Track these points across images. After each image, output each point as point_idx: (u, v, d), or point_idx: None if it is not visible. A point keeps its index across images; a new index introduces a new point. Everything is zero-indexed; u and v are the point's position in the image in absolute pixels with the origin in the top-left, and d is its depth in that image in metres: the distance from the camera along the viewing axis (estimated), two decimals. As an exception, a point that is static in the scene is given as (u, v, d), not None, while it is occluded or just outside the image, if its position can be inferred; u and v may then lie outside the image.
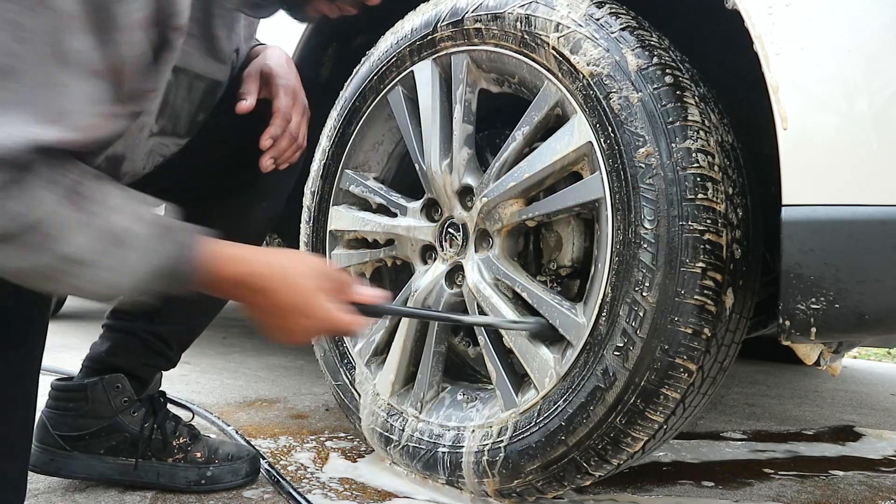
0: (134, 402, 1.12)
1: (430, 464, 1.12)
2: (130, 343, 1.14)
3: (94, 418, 1.09)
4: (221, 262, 0.77)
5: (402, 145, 1.32)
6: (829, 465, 1.41)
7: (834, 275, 0.78)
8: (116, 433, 1.10)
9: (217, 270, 0.76)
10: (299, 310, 0.79)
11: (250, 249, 0.80)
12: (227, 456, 1.14)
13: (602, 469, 0.97)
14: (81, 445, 1.09)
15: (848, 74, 0.77)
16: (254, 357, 2.52)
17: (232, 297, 0.82)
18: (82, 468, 1.09)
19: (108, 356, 1.13)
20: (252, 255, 0.79)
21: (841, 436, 1.68)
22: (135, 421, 1.11)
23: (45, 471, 1.09)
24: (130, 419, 1.11)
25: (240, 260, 0.78)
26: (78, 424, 1.09)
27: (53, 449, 1.09)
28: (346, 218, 1.34)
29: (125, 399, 1.11)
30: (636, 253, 0.90)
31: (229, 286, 0.78)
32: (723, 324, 0.89)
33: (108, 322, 1.17)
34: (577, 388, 0.95)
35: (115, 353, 1.13)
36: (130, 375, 1.13)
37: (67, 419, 1.10)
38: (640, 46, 0.93)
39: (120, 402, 1.10)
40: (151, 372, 1.17)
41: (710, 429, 1.67)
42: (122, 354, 1.14)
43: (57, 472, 1.09)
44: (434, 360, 1.16)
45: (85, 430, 1.09)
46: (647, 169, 0.89)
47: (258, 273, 0.78)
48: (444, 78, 1.19)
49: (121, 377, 1.12)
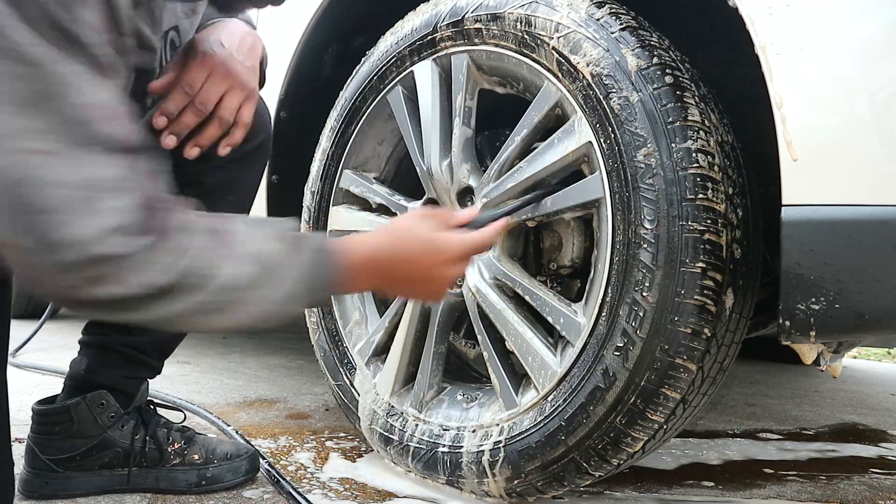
0: (121, 416, 1.10)
1: (430, 464, 1.12)
2: (109, 358, 1.11)
3: (83, 438, 1.07)
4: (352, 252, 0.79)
5: (402, 145, 1.32)
6: (828, 465, 1.41)
7: (834, 275, 0.78)
8: (108, 449, 1.08)
9: (352, 262, 0.78)
10: (432, 252, 0.82)
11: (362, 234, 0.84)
12: (225, 455, 1.13)
13: (602, 469, 0.97)
14: (74, 466, 1.07)
15: (848, 74, 0.77)
16: (254, 357, 2.52)
17: (372, 285, 0.85)
18: (80, 486, 1.08)
19: (88, 374, 1.10)
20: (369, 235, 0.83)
21: (841, 436, 1.68)
22: (124, 434, 1.09)
23: (42, 495, 1.06)
24: (120, 433, 1.09)
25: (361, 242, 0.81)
26: (67, 446, 1.07)
27: (46, 473, 1.07)
28: (346, 218, 1.34)
29: (112, 414, 1.09)
30: (636, 253, 0.90)
31: (367, 272, 0.80)
32: (723, 324, 0.89)
33: (83, 338, 1.14)
34: (577, 389, 0.95)
35: (95, 370, 1.11)
36: (114, 390, 1.10)
37: (55, 442, 1.07)
38: (641, 46, 0.93)
39: (107, 419, 1.09)
40: (135, 384, 1.14)
41: (710, 428, 1.67)
42: (102, 370, 1.11)
43: (55, 494, 1.06)
44: (434, 360, 1.16)
45: (75, 450, 1.07)
46: (647, 169, 0.89)
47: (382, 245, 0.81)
48: (444, 78, 1.19)
49: (104, 393, 1.09)
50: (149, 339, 1.13)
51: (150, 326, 0.72)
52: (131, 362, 1.12)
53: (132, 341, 1.12)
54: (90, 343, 1.13)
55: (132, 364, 1.13)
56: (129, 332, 1.11)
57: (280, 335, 3.23)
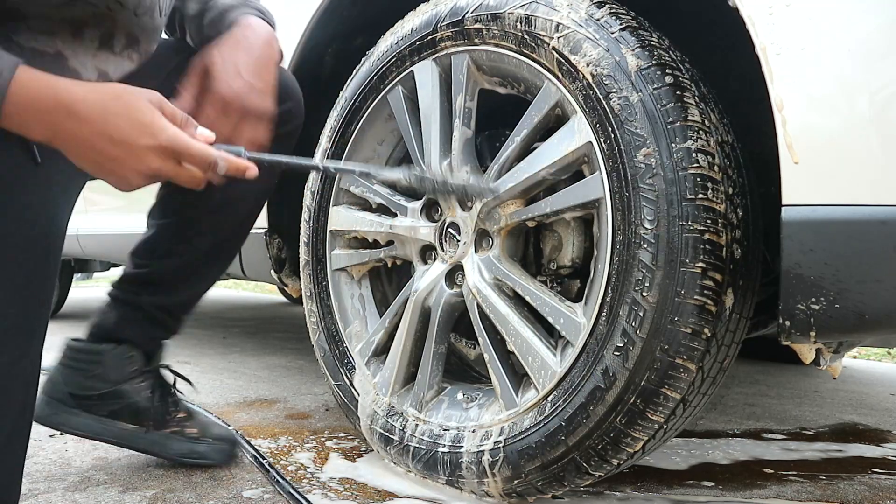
0: (143, 372, 1.17)
1: (429, 464, 1.12)
2: (137, 316, 1.17)
3: (104, 381, 1.15)
4: (31, 80, 0.69)
5: (402, 146, 1.33)
6: (828, 465, 1.40)
7: (834, 275, 0.78)
8: (120, 399, 1.15)
9: (23, 90, 0.68)
10: (147, 133, 0.72)
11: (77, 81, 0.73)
12: (216, 436, 1.21)
13: (602, 469, 0.97)
14: (86, 405, 1.15)
15: (848, 74, 0.77)
16: (254, 357, 2.52)
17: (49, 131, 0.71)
18: (83, 426, 1.15)
19: (117, 329, 1.17)
20: (76, 82, 0.72)
21: (841, 436, 1.68)
22: (139, 391, 1.17)
23: (47, 423, 1.14)
24: (135, 388, 1.17)
25: (56, 79, 0.71)
26: (87, 384, 1.15)
27: (59, 403, 1.14)
28: (346, 218, 1.34)
29: (135, 368, 1.17)
30: (636, 253, 0.90)
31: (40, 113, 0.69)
32: (723, 324, 0.89)
33: (114, 292, 1.19)
34: (577, 388, 0.95)
35: (123, 327, 1.17)
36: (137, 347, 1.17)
37: (79, 377, 1.15)
38: (641, 47, 0.93)
39: (130, 371, 1.16)
40: (156, 345, 1.21)
41: (710, 428, 1.67)
42: (130, 328, 1.17)
43: (58, 426, 1.15)
44: (434, 360, 1.16)
45: (93, 390, 1.15)
46: (647, 169, 0.89)
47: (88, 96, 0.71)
48: (444, 78, 1.19)
49: (134, 348, 1.17)
50: (176, 300, 1.19)
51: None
52: (155, 322, 1.19)
53: (161, 302, 1.18)
54: (120, 299, 1.19)
55: (156, 325, 1.19)
56: (158, 292, 1.17)
57: (280, 335, 3.23)
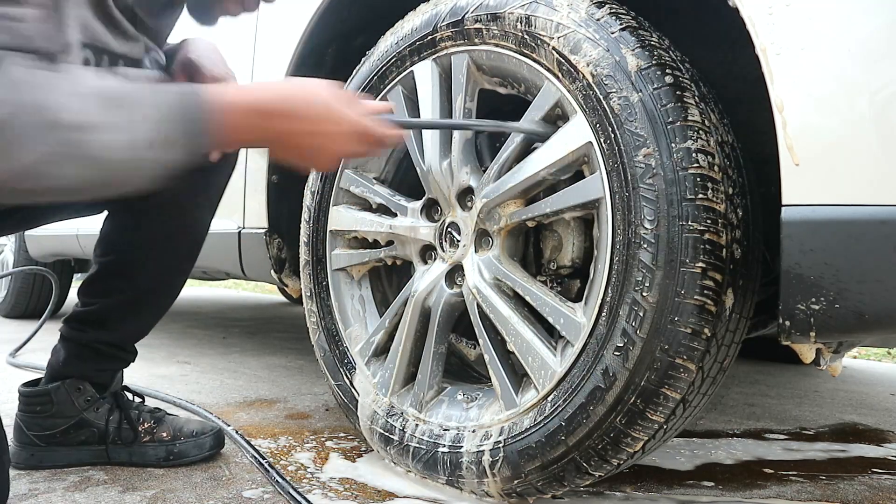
0: (97, 399, 1.22)
1: (429, 464, 1.12)
2: (84, 353, 1.22)
3: (62, 418, 1.20)
4: (232, 96, 0.73)
5: (402, 146, 1.33)
6: (828, 465, 1.40)
7: (834, 275, 0.78)
8: (85, 428, 1.20)
9: (231, 106, 0.72)
10: (334, 121, 0.77)
11: (255, 84, 0.80)
12: (191, 433, 1.24)
13: (602, 469, 0.97)
14: (56, 441, 1.20)
15: (848, 74, 0.77)
16: (254, 357, 2.52)
17: (255, 136, 0.77)
18: (62, 458, 1.20)
19: (65, 367, 1.22)
20: (261, 85, 0.78)
21: (841, 436, 1.68)
22: (100, 416, 1.21)
23: (28, 466, 1.18)
24: (95, 415, 1.21)
25: (250, 90, 0.75)
26: (48, 424, 1.20)
27: (31, 446, 1.20)
28: (346, 218, 1.34)
29: (87, 398, 1.21)
30: (636, 253, 0.90)
31: (248, 121, 0.74)
32: (723, 324, 0.89)
33: (63, 330, 1.24)
34: (577, 388, 0.95)
35: (70, 364, 1.22)
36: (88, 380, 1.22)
37: (38, 420, 1.20)
38: (640, 46, 0.93)
39: (83, 402, 1.21)
40: (109, 375, 1.25)
41: (710, 428, 1.67)
42: (76, 363, 1.22)
43: (39, 464, 1.19)
44: (434, 360, 1.16)
45: (55, 428, 1.20)
46: (647, 169, 0.89)
47: (274, 95, 0.75)
48: (444, 78, 1.19)
49: (82, 381, 1.21)
50: (120, 336, 1.24)
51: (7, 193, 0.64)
52: (102, 357, 1.23)
53: (106, 338, 1.22)
54: (67, 337, 1.24)
55: (104, 358, 1.24)
56: (104, 328, 1.22)
57: (280, 335, 3.23)
